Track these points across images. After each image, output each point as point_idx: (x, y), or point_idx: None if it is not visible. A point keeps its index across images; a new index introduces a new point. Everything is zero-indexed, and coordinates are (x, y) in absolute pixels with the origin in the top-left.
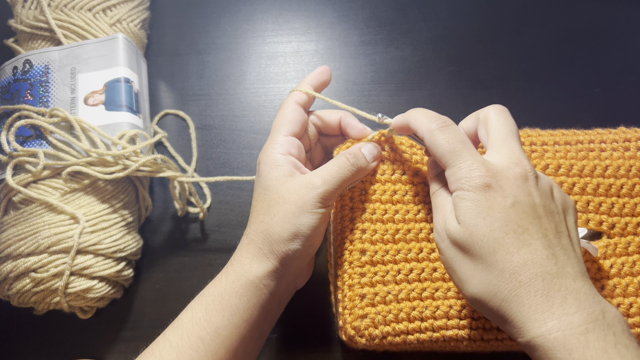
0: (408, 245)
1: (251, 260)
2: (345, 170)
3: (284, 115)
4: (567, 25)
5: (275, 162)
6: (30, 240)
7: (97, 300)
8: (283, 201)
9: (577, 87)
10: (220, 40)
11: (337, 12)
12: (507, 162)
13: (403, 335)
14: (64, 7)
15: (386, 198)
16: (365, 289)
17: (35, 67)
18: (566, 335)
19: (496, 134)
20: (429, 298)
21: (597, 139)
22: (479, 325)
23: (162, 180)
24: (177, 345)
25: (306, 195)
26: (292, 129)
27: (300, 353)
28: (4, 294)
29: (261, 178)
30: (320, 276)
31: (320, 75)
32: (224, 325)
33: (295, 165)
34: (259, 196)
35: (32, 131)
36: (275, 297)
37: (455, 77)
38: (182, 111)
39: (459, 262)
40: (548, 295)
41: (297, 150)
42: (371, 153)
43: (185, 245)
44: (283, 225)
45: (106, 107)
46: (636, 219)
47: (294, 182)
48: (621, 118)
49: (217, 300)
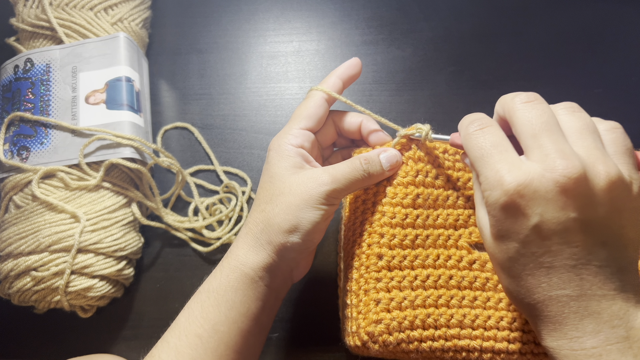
0: (426, 252)
1: (247, 251)
2: (356, 173)
3: (306, 108)
4: (568, 26)
5: (286, 152)
6: (31, 239)
7: (97, 299)
8: (288, 192)
9: (578, 88)
10: (221, 39)
11: (338, 11)
12: (540, 168)
13: (416, 343)
14: (65, 6)
15: (407, 202)
16: (381, 294)
17: (36, 65)
18: (576, 355)
19: (525, 132)
20: (443, 306)
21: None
22: (491, 337)
23: (163, 178)
24: (175, 346)
25: (312, 190)
26: (310, 123)
27: (301, 353)
28: (5, 293)
29: (269, 166)
30: (321, 275)
31: (350, 69)
32: (221, 320)
33: (306, 159)
34: (264, 184)
35: (33, 130)
36: (271, 290)
37: (456, 77)
38: (183, 111)
39: (496, 267)
40: (561, 316)
41: (309, 144)
42: (389, 161)
43: (186, 244)
44: (284, 216)
45: (107, 105)
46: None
47: (302, 174)
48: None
49: (212, 296)
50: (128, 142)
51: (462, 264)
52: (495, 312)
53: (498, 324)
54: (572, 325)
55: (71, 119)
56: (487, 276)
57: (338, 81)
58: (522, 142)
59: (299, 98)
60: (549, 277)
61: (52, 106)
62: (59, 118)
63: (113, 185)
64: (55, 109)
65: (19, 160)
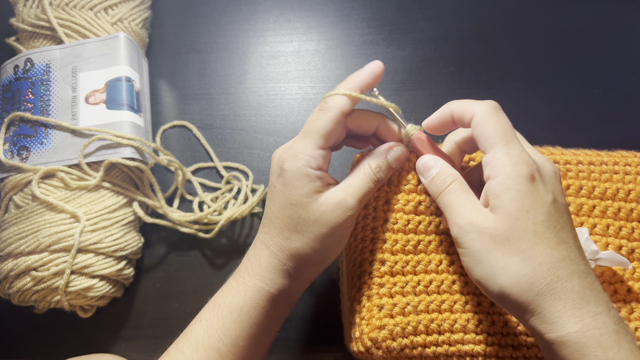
0: (428, 257)
1: (273, 275)
2: (372, 184)
3: (328, 124)
4: (567, 26)
5: (307, 177)
6: (31, 239)
7: (97, 299)
8: (314, 221)
9: (577, 88)
10: (221, 39)
11: (338, 11)
12: (542, 158)
13: (420, 348)
14: (65, 6)
15: (409, 209)
16: (384, 299)
17: (36, 65)
18: (602, 334)
19: (503, 133)
20: (447, 311)
21: (621, 162)
22: (495, 342)
23: (163, 178)
24: (192, 357)
25: (339, 217)
26: (328, 143)
27: (301, 353)
28: (5, 293)
29: (288, 190)
30: (322, 276)
31: (370, 78)
32: (242, 336)
33: (324, 180)
34: (283, 208)
35: (33, 130)
36: (291, 305)
37: (456, 77)
38: (183, 111)
39: (488, 255)
40: (583, 293)
41: (326, 164)
42: (398, 160)
43: (186, 244)
44: (314, 247)
45: (107, 105)
46: (632, 244)
47: (326, 200)
48: (622, 119)
49: (235, 312)
50: (128, 142)
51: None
52: (500, 316)
53: (502, 328)
54: (593, 302)
55: (71, 119)
56: None
57: (356, 89)
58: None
59: (299, 98)
60: (569, 252)
61: (52, 106)
62: (59, 118)
63: (113, 185)
64: (55, 109)
65: (19, 160)
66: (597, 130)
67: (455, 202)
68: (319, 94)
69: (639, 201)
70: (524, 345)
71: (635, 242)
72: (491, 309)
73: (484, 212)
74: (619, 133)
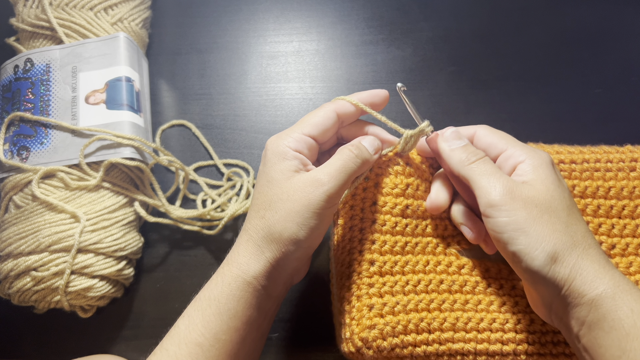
0: (415, 258)
1: (248, 259)
2: (350, 163)
3: (315, 116)
4: (568, 26)
5: (284, 154)
6: (31, 239)
7: (97, 299)
8: (287, 198)
9: (577, 88)
10: (221, 39)
11: (338, 11)
12: (544, 154)
13: (410, 347)
14: (65, 6)
15: (397, 212)
16: (374, 299)
17: (36, 65)
18: (631, 287)
19: (510, 138)
20: (436, 310)
21: (603, 158)
22: (484, 339)
23: (163, 178)
24: (175, 354)
25: (312, 194)
26: (314, 131)
27: (301, 353)
28: (5, 293)
29: (266, 168)
30: (320, 276)
31: (373, 97)
32: (223, 329)
33: (303, 162)
34: (261, 188)
35: (33, 130)
36: (272, 297)
37: (456, 77)
38: (183, 111)
39: (535, 222)
40: (605, 258)
41: (308, 151)
42: (372, 145)
43: (186, 244)
44: (285, 223)
45: (107, 105)
46: (637, 240)
47: (300, 178)
48: (622, 119)
49: (213, 305)
50: (128, 142)
51: (452, 268)
52: (487, 314)
53: (491, 325)
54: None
55: (71, 119)
56: (476, 280)
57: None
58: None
59: (298, 98)
60: (585, 225)
61: (52, 106)
62: (59, 118)
63: (113, 185)
64: (55, 109)
65: (19, 160)
66: (597, 130)
67: (491, 171)
68: (319, 94)
69: (619, 198)
70: (513, 342)
71: (616, 237)
72: (479, 307)
73: (522, 184)
74: (619, 133)
